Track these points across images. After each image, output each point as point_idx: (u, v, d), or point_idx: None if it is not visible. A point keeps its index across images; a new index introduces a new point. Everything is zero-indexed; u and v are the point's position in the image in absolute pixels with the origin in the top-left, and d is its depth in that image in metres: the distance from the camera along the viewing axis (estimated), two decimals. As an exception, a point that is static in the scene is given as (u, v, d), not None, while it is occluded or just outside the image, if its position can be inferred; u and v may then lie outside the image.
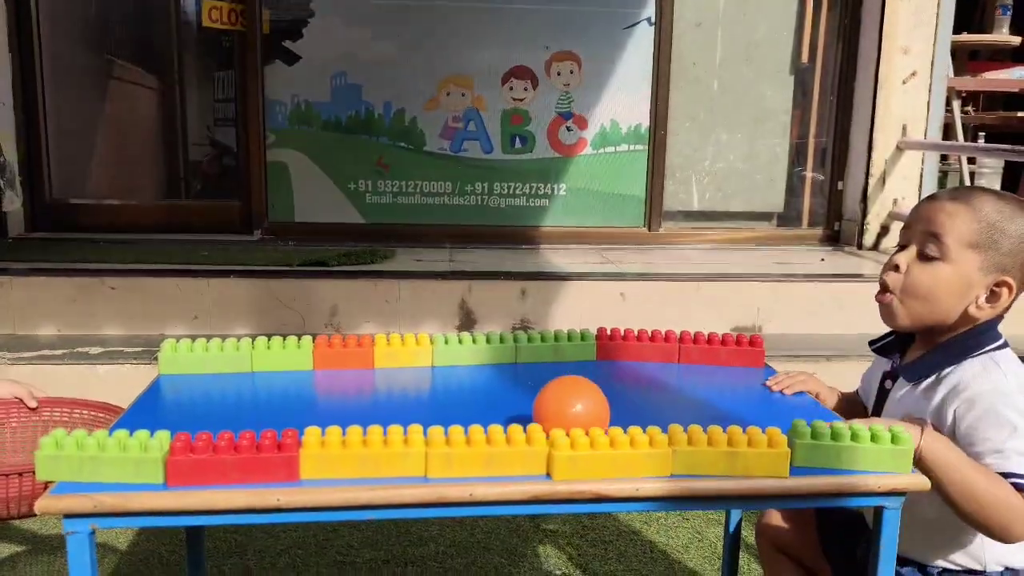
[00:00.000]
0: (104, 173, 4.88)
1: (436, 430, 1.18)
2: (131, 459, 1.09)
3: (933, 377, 1.40)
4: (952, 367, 1.38)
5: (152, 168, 5.22)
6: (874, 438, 1.22)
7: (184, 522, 1.08)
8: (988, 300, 1.36)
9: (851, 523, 1.58)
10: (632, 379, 1.62)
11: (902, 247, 1.42)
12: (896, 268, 1.39)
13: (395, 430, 1.18)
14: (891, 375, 1.50)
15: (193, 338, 1.57)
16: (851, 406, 1.61)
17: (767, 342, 1.71)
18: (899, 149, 4.21)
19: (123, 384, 1.51)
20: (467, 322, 3.54)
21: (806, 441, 1.23)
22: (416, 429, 1.18)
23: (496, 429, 1.19)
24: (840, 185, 4.41)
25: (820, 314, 3.63)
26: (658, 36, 4.25)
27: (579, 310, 3.51)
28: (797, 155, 4.53)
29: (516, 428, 1.20)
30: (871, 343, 1.57)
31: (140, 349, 3.27)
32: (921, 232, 1.38)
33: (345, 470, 1.14)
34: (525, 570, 2.31)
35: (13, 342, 3.33)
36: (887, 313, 1.43)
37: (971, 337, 1.39)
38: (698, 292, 3.61)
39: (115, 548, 2.40)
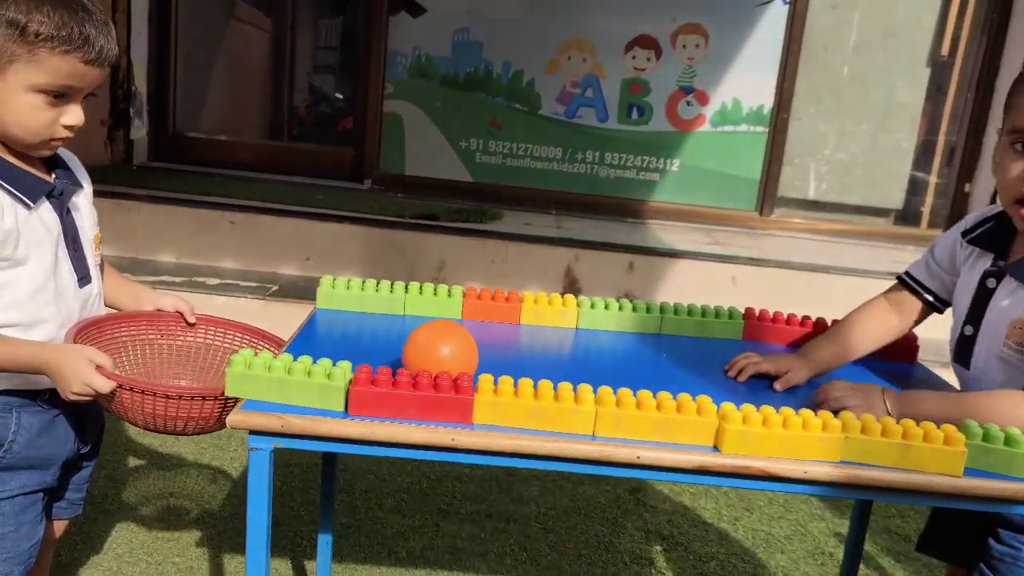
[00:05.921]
0: (222, 110, 5.01)
1: (605, 390, 1.18)
2: (316, 385, 1.11)
3: None
4: None
5: (266, 109, 5.33)
6: (1050, 448, 1.17)
7: (361, 451, 1.10)
8: None
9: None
10: (781, 362, 1.58)
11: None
12: None
13: (565, 386, 1.17)
14: (995, 274, 1.37)
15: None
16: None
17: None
18: (1036, 154, 3.99)
19: (239, 317, 1.53)
20: (571, 290, 3.53)
21: (977, 443, 1.19)
22: (586, 388, 1.17)
23: (665, 396, 1.18)
24: (968, 187, 4.22)
25: (938, 320, 3.50)
26: (791, 16, 4.11)
27: (687, 289, 3.46)
28: (923, 152, 4.35)
29: (686, 397, 1.19)
30: (963, 233, 1.44)
31: (255, 284, 3.37)
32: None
33: (515, 419, 1.14)
34: (626, 541, 2.31)
35: (136, 265, 3.46)
36: None
37: None
38: (810, 283, 3.52)
39: (226, 472, 2.49)
